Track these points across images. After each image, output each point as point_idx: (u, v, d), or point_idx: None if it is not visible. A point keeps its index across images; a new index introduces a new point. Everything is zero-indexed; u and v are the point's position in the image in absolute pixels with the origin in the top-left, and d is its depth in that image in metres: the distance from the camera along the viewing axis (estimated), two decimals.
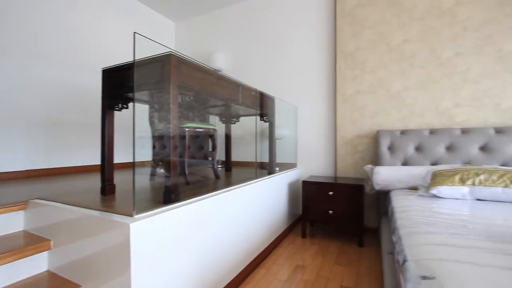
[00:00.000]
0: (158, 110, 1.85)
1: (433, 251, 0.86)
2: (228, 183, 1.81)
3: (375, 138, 2.47)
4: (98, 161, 2.72)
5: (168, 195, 1.23)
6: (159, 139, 2.07)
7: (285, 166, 2.81)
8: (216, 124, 2.77)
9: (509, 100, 2.10)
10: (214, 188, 1.59)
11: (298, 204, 2.87)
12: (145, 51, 1.18)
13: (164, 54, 1.24)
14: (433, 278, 0.68)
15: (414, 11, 2.40)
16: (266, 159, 2.60)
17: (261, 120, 2.49)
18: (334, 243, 2.31)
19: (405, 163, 2.28)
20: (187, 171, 1.76)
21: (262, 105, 2.41)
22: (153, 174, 2.03)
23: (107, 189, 1.47)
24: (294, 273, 1.79)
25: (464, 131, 2.13)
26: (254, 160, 2.45)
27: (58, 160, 2.49)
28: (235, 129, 2.96)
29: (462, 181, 1.59)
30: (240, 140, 3.27)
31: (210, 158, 2.17)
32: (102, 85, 1.48)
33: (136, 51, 1.07)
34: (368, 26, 2.57)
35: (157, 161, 2.07)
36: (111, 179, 1.51)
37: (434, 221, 1.23)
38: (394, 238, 1.11)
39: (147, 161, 2.27)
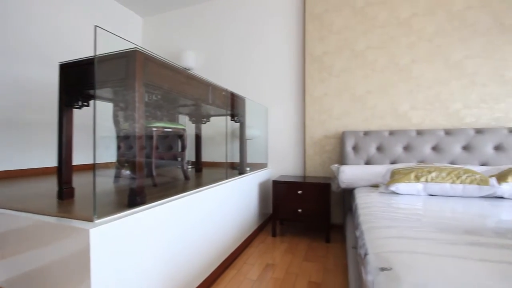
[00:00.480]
0: (123, 108, 1.76)
1: (391, 244, 0.93)
2: (198, 184, 1.79)
3: (341, 138, 2.60)
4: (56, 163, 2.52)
5: (133, 198, 1.18)
6: (124, 139, 1.97)
7: (256, 166, 2.84)
8: (186, 124, 2.70)
9: (455, 104, 2.33)
10: (183, 190, 1.55)
11: (269, 203, 2.91)
12: (109, 46, 1.12)
13: (129, 50, 1.19)
14: (390, 269, 0.74)
15: (376, 20, 2.56)
16: (237, 159, 2.59)
17: (232, 120, 2.49)
18: (303, 241, 2.38)
19: (368, 162, 2.42)
20: (154, 173, 1.70)
21: (233, 105, 2.41)
22: (117, 176, 1.93)
23: (65, 193, 1.37)
24: (264, 271, 1.81)
25: (419, 133, 2.32)
26: (225, 161, 2.44)
27: (10, 162, 2.26)
28: (206, 129, 2.92)
29: (417, 178, 1.73)
30: (211, 141, 3.23)
31: (179, 159, 2.11)
32: (59, 80, 1.38)
33: (100, 46, 1.02)
34: (334, 32, 2.69)
35: (122, 162, 1.97)
36: (70, 182, 1.40)
37: (393, 216, 1.32)
38: (357, 233, 1.18)
39: (111, 163, 2.15)
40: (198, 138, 2.68)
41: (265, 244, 2.30)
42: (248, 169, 2.58)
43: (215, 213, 1.73)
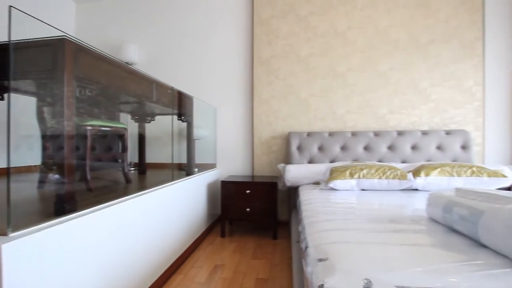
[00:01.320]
0: (50, 104, 1.55)
1: (328, 236, 1.02)
2: (141, 187, 1.68)
3: (287, 139, 2.73)
4: None
5: (60, 205, 1.05)
6: (52, 139, 1.74)
7: (205, 167, 2.79)
8: (128, 123, 2.51)
9: (382, 109, 2.66)
10: (124, 193, 1.44)
11: (218, 204, 2.89)
12: (33, 32, 0.98)
13: (56, 38, 1.05)
14: (327, 259, 0.81)
15: (318, 29, 2.76)
16: (185, 160, 2.51)
17: (178, 119, 2.40)
18: (251, 239, 2.43)
19: (310, 161, 2.60)
20: (89, 176, 1.53)
21: (180, 104, 2.33)
22: (42, 181, 1.69)
23: None
24: (213, 273, 1.80)
25: (354, 134, 2.59)
26: (171, 162, 2.34)
27: None
28: (151, 128, 2.76)
29: (351, 175, 1.93)
30: (157, 141, 3.06)
31: (120, 160, 1.95)
32: None
33: (21, 30, 0.88)
34: (281, 37, 2.82)
35: (48, 165, 1.73)
36: None
37: (331, 210, 1.45)
38: (300, 228, 1.26)
39: (35, 166, 1.88)
40: (141, 138, 2.52)
41: (214, 245, 2.28)
42: (196, 170, 2.52)
43: (159, 217, 1.65)
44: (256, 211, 2.40)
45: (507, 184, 1.96)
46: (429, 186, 1.93)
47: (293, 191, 2.59)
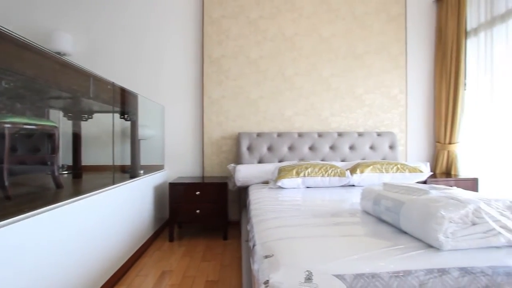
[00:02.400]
0: None
1: (275, 233, 1.07)
2: (74, 192, 1.51)
3: (237, 139, 2.75)
4: None
5: None
6: None
7: (151, 169, 2.64)
8: (60, 120, 2.23)
9: (325, 112, 2.88)
10: (53, 201, 1.27)
11: (166, 207, 2.76)
12: None
13: None
14: (272, 255, 0.85)
15: (267, 33, 2.85)
16: (129, 161, 2.34)
17: (121, 118, 2.23)
18: (201, 241, 2.38)
19: (260, 161, 2.67)
20: (6, 182, 1.32)
21: (123, 102, 2.16)
22: None
23: None
24: (160, 280, 1.72)
25: (300, 135, 2.74)
26: (112, 163, 2.15)
27: None
28: (89, 127, 2.48)
29: (297, 174, 2.04)
30: (96, 141, 2.78)
31: (49, 163, 1.72)
32: None
33: None
34: (231, 38, 2.83)
35: None
36: None
37: (279, 208, 1.51)
38: (249, 227, 1.29)
39: None
40: (76, 138, 2.26)
41: (162, 251, 2.18)
42: (141, 172, 2.37)
43: (98, 225, 1.50)
44: (206, 213, 2.37)
45: (423, 178, 2.31)
46: (363, 182, 2.16)
47: (243, 191, 2.62)
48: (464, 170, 2.76)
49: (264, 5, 2.84)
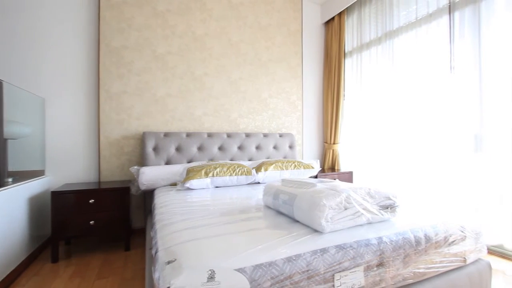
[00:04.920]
0: None
1: (180, 236, 1.05)
2: None
3: (142, 139, 2.53)
4: None
5: None
6: None
7: (26, 175, 2.12)
8: None
9: (234, 113, 2.99)
10: None
11: (47, 221, 2.28)
12: None
13: None
14: (175, 260, 0.83)
15: (176, 28, 2.73)
16: None
17: None
18: (97, 257, 2.08)
19: (168, 162, 2.54)
20: None
21: None
22: None
23: None
24: None
25: (209, 135, 2.76)
26: None
27: None
28: None
29: (206, 174, 2.05)
30: None
31: None
32: None
33: None
34: (135, 28, 2.58)
35: None
36: None
37: (187, 210, 1.48)
38: (152, 233, 1.21)
39: None
40: None
41: (41, 276, 1.79)
42: (9, 180, 1.87)
43: None
44: (103, 223, 2.08)
45: (315, 173, 2.71)
46: (267, 179, 2.36)
47: (149, 195, 2.44)
48: (343, 165, 3.40)
49: None
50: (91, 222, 2.05)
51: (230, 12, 2.98)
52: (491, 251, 2.02)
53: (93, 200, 2.05)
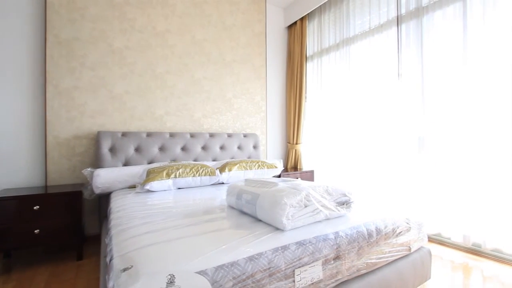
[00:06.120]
0: None
1: (137, 241, 1.00)
2: None
3: (96, 139, 2.36)
4: None
5: None
6: None
7: None
8: None
9: (197, 113, 2.93)
10: None
11: None
12: None
13: None
14: (131, 267, 0.79)
15: (135, 22, 2.59)
16: None
17: None
18: (42, 270, 1.88)
19: (126, 164, 2.40)
20: None
21: None
22: None
23: None
24: None
25: (172, 135, 2.67)
26: None
27: None
28: None
29: (168, 175, 1.98)
30: None
31: None
32: None
33: None
34: (89, 19, 2.39)
35: None
36: None
37: (147, 213, 1.41)
38: (107, 240, 1.14)
39: None
40: None
41: None
42: None
43: None
44: (51, 231, 1.89)
45: (278, 172, 2.78)
46: (231, 179, 2.35)
47: (104, 199, 2.27)
48: (305, 165, 3.53)
49: None
50: (35, 231, 1.85)
51: (193, 9, 2.91)
52: (431, 239, 2.27)
53: (38, 207, 1.85)
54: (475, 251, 2.03)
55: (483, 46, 1.92)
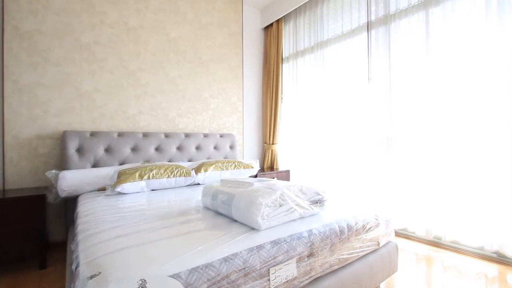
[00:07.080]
0: None
1: (107, 246, 0.95)
2: None
3: (62, 139, 2.21)
4: None
5: None
6: None
7: None
8: None
9: (172, 112, 2.86)
10: None
11: None
12: None
13: None
14: (99, 274, 0.75)
15: (105, 16, 2.47)
16: None
17: None
18: (1, 280, 1.73)
19: (95, 165, 2.28)
20: None
21: None
22: None
23: None
24: None
25: (145, 135, 2.58)
26: None
27: None
28: None
29: (141, 177, 1.92)
30: None
31: None
32: None
33: None
34: (53, 11, 2.24)
35: None
36: None
37: (119, 217, 1.35)
38: (73, 246, 1.08)
39: None
40: None
41: None
42: None
43: None
44: (8, 239, 1.75)
45: (255, 172, 2.79)
46: (207, 180, 2.33)
47: (71, 203, 2.14)
48: (281, 164, 3.58)
49: None
50: None
51: (168, 5, 2.84)
52: (398, 234, 2.40)
53: None
54: (436, 243, 2.18)
55: (444, 48, 2.08)
